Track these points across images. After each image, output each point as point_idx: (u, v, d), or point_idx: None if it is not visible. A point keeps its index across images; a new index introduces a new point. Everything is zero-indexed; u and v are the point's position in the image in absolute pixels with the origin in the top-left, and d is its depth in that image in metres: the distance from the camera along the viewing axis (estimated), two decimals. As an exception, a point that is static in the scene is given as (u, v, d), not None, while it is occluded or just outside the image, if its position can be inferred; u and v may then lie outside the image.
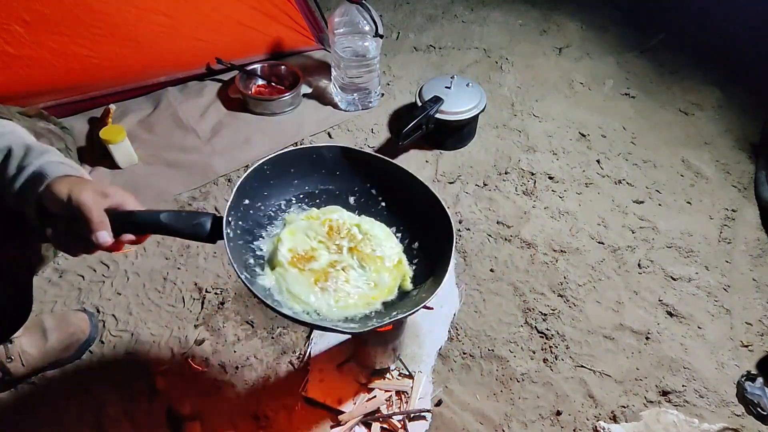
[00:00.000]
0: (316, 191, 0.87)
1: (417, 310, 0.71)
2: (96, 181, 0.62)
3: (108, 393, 1.01)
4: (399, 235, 0.85)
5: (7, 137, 0.65)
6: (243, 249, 0.75)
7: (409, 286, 0.79)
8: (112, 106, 1.50)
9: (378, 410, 0.98)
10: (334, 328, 0.66)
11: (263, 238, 0.80)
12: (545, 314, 1.16)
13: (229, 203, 0.70)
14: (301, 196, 0.86)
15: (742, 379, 1.06)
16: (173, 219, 0.64)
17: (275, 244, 0.78)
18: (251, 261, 0.76)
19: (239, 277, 0.66)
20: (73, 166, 0.65)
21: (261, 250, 0.78)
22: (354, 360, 1.04)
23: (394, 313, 0.72)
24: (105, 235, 0.59)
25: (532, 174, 1.48)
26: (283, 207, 0.85)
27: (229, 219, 0.70)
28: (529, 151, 1.56)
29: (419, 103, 1.47)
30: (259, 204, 0.81)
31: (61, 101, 1.47)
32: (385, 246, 0.80)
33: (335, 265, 0.77)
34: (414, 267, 0.82)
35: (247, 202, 0.78)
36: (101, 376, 1.03)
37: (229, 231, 0.69)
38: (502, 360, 1.08)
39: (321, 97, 1.68)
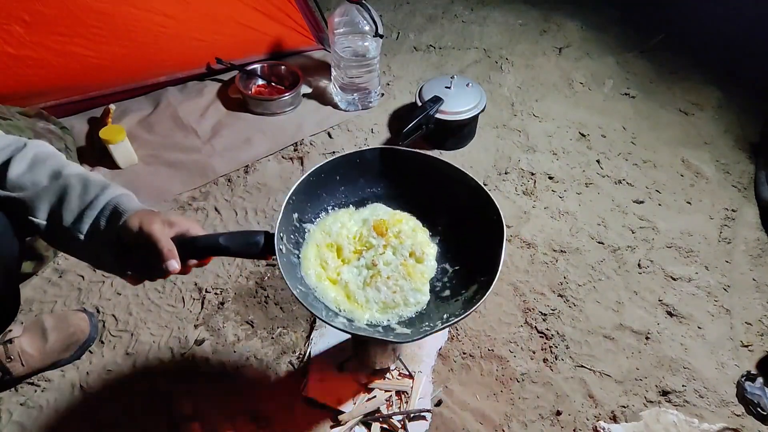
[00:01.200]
0: (364, 195, 0.87)
1: (472, 312, 0.69)
2: (161, 212, 0.66)
3: (108, 393, 1.01)
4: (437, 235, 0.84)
5: (52, 160, 0.68)
6: (297, 263, 0.77)
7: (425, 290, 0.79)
8: (112, 106, 1.50)
9: (378, 410, 0.98)
10: (390, 340, 0.67)
11: None
12: (545, 314, 1.16)
13: (279, 219, 0.73)
14: (350, 201, 0.86)
15: (742, 379, 1.06)
16: (229, 240, 0.68)
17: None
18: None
19: (293, 293, 0.67)
20: (131, 194, 0.68)
21: None
22: (354, 360, 1.04)
23: (446, 316, 0.72)
24: (174, 264, 0.63)
25: (532, 174, 1.48)
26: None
27: (281, 235, 0.72)
28: (529, 151, 1.56)
29: (419, 103, 1.47)
30: (309, 215, 0.82)
31: (61, 101, 1.47)
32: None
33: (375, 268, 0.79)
34: (445, 266, 0.81)
35: (296, 215, 0.80)
36: (101, 376, 1.03)
37: (281, 247, 0.71)
38: (502, 360, 1.08)
39: (321, 97, 1.68)
